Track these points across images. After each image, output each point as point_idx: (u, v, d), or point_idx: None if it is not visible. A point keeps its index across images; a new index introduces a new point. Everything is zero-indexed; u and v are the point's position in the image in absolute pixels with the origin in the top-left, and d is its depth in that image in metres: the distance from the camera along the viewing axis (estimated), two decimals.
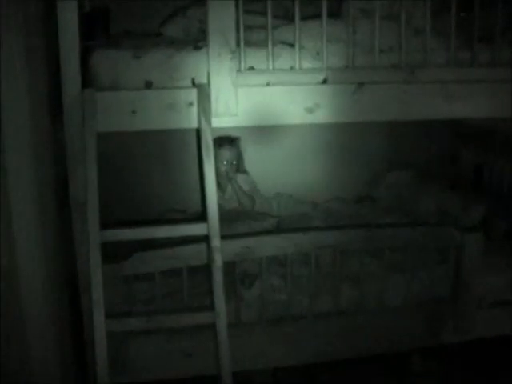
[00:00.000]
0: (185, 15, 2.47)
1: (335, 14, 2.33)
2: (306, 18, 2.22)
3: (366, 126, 2.76)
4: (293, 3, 2.13)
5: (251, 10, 2.25)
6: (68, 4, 1.96)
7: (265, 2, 2.11)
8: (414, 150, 3.42)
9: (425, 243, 2.53)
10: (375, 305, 2.50)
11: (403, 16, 2.21)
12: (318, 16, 2.17)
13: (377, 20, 2.20)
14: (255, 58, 2.16)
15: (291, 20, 2.18)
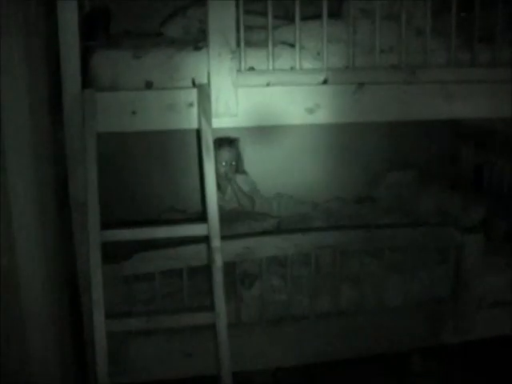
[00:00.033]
0: (185, 15, 2.46)
1: (335, 14, 2.33)
2: (306, 18, 2.21)
3: (366, 126, 2.76)
4: (293, 3, 2.13)
5: (251, 10, 2.25)
6: (68, 4, 1.96)
7: (265, 2, 2.11)
8: (414, 150, 3.42)
9: (425, 243, 2.53)
10: (375, 305, 2.50)
11: (404, 16, 2.21)
12: (319, 16, 2.17)
13: (377, 20, 2.20)
14: (255, 58, 2.16)
15: (291, 20, 2.18)
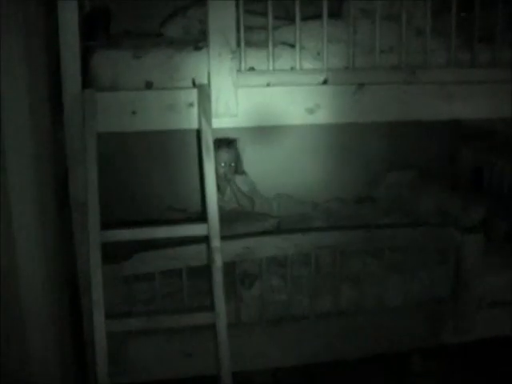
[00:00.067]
0: (185, 15, 2.46)
1: (336, 14, 2.33)
2: (306, 18, 2.21)
3: (366, 127, 2.75)
4: (293, 3, 2.13)
5: (252, 10, 2.25)
6: (68, 4, 1.96)
7: (265, 2, 2.11)
8: (413, 150, 3.41)
9: (425, 243, 2.53)
10: (375, 305, 2.50)
11: (404, 16, 2.21)
12: (319, 16, 2.17)
13: (377, 20, 2.20)
14: (256, 58, 2.16)
15: (292, 20, 2.18)
